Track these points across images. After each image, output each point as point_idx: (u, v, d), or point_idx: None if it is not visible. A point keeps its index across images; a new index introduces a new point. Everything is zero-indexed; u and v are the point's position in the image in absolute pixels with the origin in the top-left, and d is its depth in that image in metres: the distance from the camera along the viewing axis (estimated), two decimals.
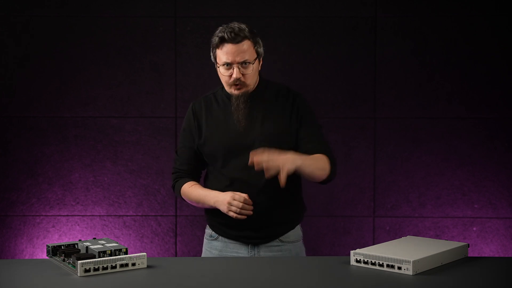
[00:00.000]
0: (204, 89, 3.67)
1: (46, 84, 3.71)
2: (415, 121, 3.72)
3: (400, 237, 2.99)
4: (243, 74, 2.30)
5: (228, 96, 2.39)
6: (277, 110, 2.38)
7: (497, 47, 3.68)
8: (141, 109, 3.74)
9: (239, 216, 2.26)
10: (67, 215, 3.73)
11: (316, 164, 2.31)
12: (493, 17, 3.68)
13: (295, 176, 2.41)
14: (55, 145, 3.73)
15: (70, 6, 3.70)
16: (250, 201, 2.27)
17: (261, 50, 2.36)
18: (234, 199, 2.25)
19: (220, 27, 2.32)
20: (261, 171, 2.21)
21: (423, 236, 3.61)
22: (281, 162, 2.15)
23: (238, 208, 2.25)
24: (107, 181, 3.74)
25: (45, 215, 3.72)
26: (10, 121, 3.72)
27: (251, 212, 2.27)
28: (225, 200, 2.27)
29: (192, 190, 2.41)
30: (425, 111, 3.71)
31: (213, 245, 2.44)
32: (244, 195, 2.26)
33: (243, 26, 2.31)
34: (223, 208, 2.28)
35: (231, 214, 2.26)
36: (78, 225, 3.73)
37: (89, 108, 3.73)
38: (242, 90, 2.33)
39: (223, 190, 2.34)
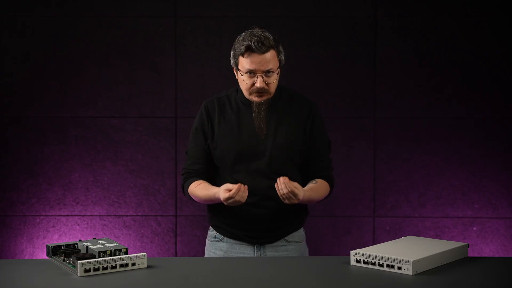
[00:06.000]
0: (204, 89, 3.69)
1: (46, 84, 3.71)
2: (415, 121, 3.72)
3: (400, 237, 2.98)
4: (266, 84, 2.28)
5: (243, 101, 2.37)
6: (290, 118, 2.37)
7: (497, 47, 3.68)
8: (141, 109, 3.74)
9: (240, 203, 2.21)
10: (67, 215, 3.73)
11: (317, 197, 2.37)
12: (493, 17, 3.67)
13: (301, 182, 2.42)
14: (55, 145, 3.72)
15: (70, 6, 3.69)
16: (242, 187, 2.20)
17: (283, 58, 2.34)
18: (229, 198, 2.20)
19: (244, 34, 2.29)
20: (268, 178, 2.29)
21: (423, 236, 3.61)
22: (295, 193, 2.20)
23: (236, 200, 2.19)
24: (107, 181, 3.74)
25: (45, 215, 3.72)
26: (10, 121, 3.72)
27: (246, 195, 2.20)
28: (223, 199, 2.23)
29: (198, 190, 2.36)
30: (425, 111, 3.71)
31: (217, 246, 2.42)
32: (236, 187, 2.19)
33: (267, 34, 2.28)
34: (226, 204, 2.24)
35: (235, 204, 2.21)
36: (78, 225, 3.73)
37: (89, 108, 3.73)
38: (264, 98, 2.31)
39: None
